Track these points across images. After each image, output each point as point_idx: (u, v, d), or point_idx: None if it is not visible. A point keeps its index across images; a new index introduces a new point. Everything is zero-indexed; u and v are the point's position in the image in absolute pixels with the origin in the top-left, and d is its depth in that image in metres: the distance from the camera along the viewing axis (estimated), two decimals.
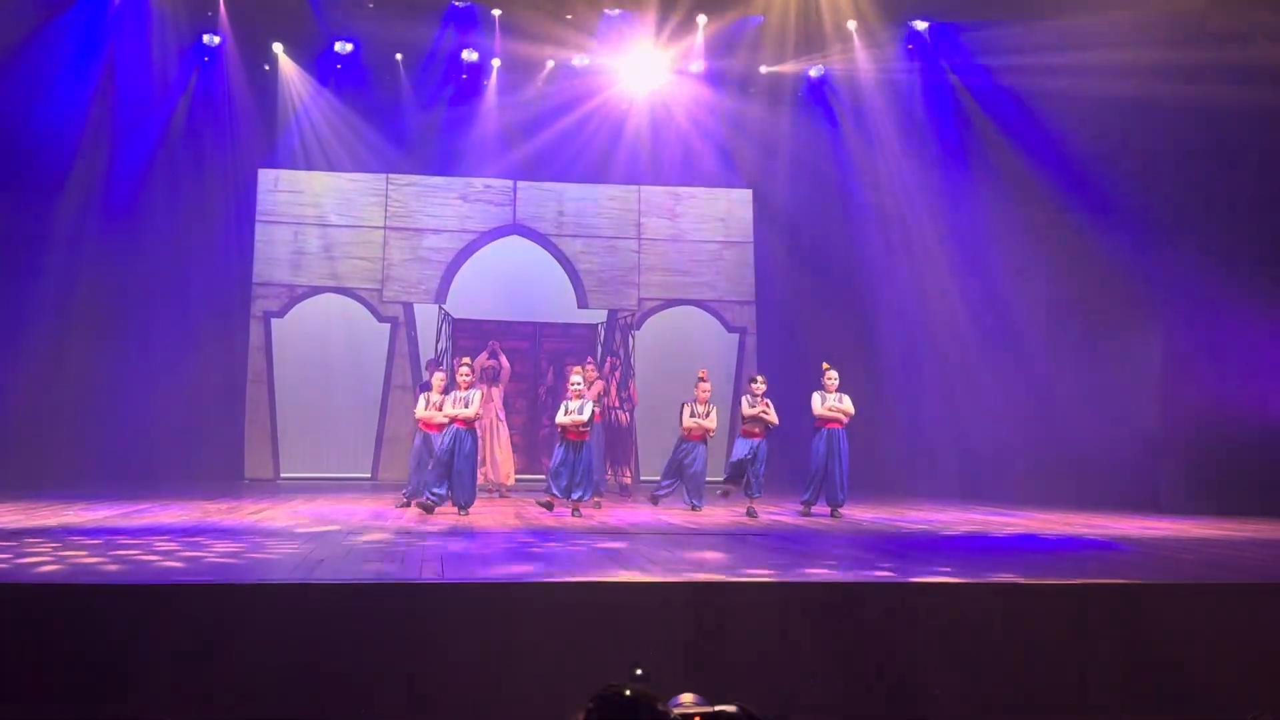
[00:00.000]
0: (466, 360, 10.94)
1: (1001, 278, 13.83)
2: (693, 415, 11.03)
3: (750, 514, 10.46)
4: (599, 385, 12.29)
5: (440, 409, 10.73)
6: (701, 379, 11.21)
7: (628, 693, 2.87)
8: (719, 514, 10.59)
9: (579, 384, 10.58)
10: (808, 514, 10.65)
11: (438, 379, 11.31)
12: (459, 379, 10.54)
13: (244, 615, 5.33)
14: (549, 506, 10.33)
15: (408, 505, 10.85)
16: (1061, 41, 12.38)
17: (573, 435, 10.44)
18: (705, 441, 11.09)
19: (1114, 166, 12.27)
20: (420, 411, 11.10)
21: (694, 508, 10.84)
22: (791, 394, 11.90)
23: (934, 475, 13.99)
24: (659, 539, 8.19)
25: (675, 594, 5.77)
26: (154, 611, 5.28)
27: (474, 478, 10.40)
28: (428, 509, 10.09)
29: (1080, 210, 12.63)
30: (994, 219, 13.98)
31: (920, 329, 14.78)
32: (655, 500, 11.27)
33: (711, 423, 11.06)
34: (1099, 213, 12.42)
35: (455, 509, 10.20)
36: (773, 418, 10.82)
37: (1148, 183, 12.07)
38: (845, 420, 10.85)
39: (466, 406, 10.33)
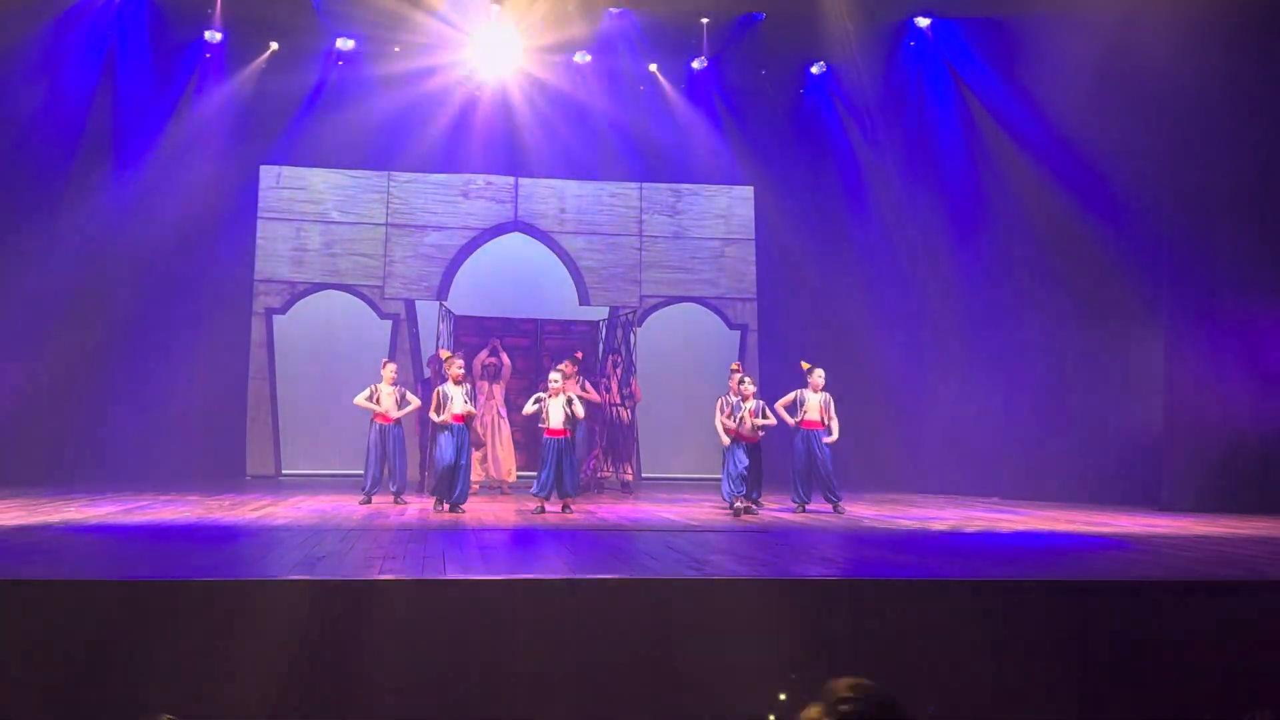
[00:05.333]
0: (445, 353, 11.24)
1: (1003, 274, 13.82)
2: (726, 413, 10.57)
3: (751, 510, 10.46)
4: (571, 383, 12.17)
5: (377, 401, 11.20)
6: (735, 370, 11.02)
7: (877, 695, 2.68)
8: (721, 512, 10.57)
9: (557, 381, 10.44)
10: (802, 510, 10.68)
11: (389, 370, 11.43)
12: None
13: (245, 612, 5.33)
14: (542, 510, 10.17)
15: (369, 502, 10.97)
16: (1063, 38, 12.37)
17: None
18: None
19: (1117, 164, 12.24)
20: (361, 401, 11.35)
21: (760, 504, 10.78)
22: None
23: (935, 472, 13.98)
24: (660, 537, 8.19)
25: (675, 591, 5.77)
26: (155, 608, 5.28)
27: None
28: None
29: (1083, 207, 12.61)
30: (996, 216, 13.97)
31: (922, 326, 14.77)
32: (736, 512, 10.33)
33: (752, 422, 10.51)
34: (1102, 209, 12.41)
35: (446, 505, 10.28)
36: (771, 420, 10.72)
37: (1151, 180, 12.05)
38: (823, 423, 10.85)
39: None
